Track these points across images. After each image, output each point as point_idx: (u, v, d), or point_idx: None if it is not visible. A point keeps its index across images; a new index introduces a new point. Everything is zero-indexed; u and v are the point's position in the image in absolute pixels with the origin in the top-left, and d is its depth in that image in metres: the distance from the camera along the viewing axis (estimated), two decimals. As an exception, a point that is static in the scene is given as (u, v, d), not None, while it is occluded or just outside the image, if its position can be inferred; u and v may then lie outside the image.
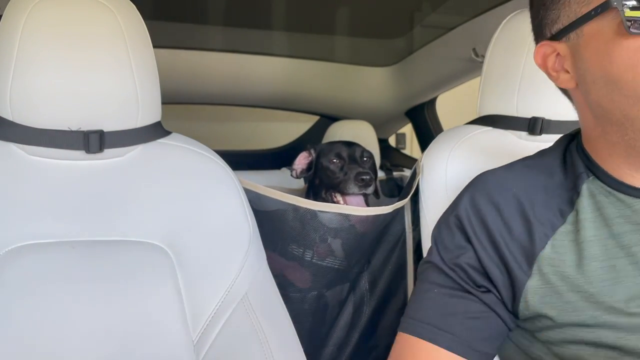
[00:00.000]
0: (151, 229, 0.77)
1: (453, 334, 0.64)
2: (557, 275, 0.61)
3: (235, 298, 0.78)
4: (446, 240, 0.69)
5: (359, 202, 1.28)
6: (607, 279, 0.58)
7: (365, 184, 1.26)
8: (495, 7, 1.38)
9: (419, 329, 0.66)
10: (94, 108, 0.75)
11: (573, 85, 0.62)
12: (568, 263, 0.61)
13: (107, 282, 0.73)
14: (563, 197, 0.64)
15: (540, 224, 0.63)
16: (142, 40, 0.78)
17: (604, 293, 0.58)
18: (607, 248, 0.59)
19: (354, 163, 1.35)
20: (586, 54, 0.58)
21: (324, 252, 1.09)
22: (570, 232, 0.62)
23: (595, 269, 0.59)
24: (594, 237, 0.60)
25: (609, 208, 0.61)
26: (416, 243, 1.11)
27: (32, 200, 0.74)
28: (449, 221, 0.70)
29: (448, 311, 0.65)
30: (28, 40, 0.71)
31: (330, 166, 1.35)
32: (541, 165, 0.68)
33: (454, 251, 0.67)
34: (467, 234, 0.67)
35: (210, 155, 0.85)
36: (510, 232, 0.64)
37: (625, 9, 0.53)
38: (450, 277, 0.67)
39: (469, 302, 0.65)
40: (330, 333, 1.15)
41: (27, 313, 0.69)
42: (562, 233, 0.62)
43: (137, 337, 0.72)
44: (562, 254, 0.61)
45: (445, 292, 0.66)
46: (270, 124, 2.89)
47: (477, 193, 0.69)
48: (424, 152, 1.04)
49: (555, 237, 0.62)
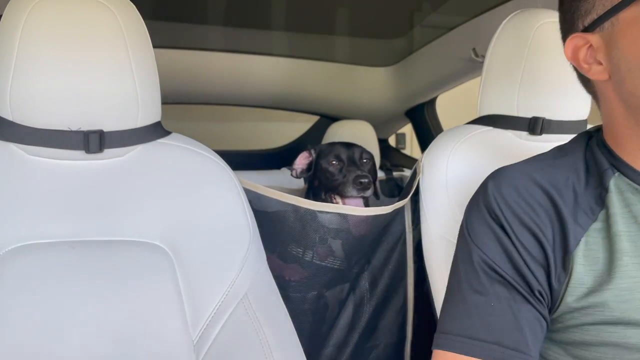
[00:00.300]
0: (151, 229, 0.77)
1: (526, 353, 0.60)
2: (591, 274, 0.60)
3: (235, 298, 0.78)
4: (485, 238, 0.65)
5: (358, 205, 1.28)
6: (637, 276, 0.58)
7: (363, 187, 1.25)
8: (495, 7, 1.38)
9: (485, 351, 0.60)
10: (93, 108, 0.74)
11: (606, 77, 0.62)
12: (601, 260, 0.60)
13: (107, 282, 0.73)
14: (592, 194, 0.64)
15: (574, 222, 0.62)
16: (142, 40, 0.78)
17: (634, 289, 0.58)
18: (636, 245, 0.59)
19: (352, 165, 1.33)
20: (622, 42, 0.58)
21: (324, 252, 1.09)
22: (602, 229, 0.62)
23: (627, 264, 0.59)
24: (624, 232, 0.60)
25: (637, 205, 0.61)
26: (416, 243, 1.11)
27: (31, 200, 0.74)
28: (483, 216, 0.67)
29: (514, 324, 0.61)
30: (28, 40, 0.71)
31: (330, 168, 1.34)
32: (566, 164, 0.67)
33: (499, 250, 0.64)
34: (505, 230, 0.64)
35: (210, 155, 0.85)
36: (547, 230, 0.63)
37: None
38: (510, 283, 0.63)
39: (529, 310, 0.62)
40: (330, 333, 1.15)
41: (27, 313, 0.69)
42: (594, 230, 0.62)
43: (137, 337, 0.72)
44: (595, 251, 0.61)
45: (509, 302, 0.62)
46: (270, 124, 2.89)
47: (505, 188, 0.66)
48: (424, 152, 1.04)
49: (588, 234, 0.62)
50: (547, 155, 0.71)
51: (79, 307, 0.71)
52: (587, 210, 0.63)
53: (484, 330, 0.61)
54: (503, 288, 0.62)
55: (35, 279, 0.70)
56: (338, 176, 1.32)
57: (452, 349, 0.62)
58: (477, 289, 0.63)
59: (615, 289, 0.58)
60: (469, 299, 0.63)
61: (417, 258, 1.13)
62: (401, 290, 1.17)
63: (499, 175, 0.69)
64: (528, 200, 0.64)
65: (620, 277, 0.58)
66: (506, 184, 0.66)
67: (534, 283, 0.62)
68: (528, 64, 0.95)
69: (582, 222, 0.62)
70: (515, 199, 0.65)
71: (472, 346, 0.61)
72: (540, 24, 0.95)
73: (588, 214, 0.63)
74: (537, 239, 0.63)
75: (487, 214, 0.66)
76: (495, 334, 0.60)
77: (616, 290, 0.58)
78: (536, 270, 0.62)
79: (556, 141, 0.78)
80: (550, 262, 0.62)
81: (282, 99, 2.25)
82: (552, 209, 0.63)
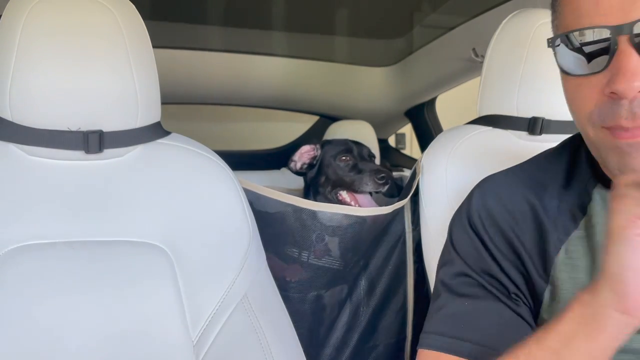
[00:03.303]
0: (150, 229, 0.77)
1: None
2: (572, 281, 0.60)
3: (235, 298, 0.78)
4: (465, 246, 0.68)
5: (370, 201, 1.26)
6: None
7: (385, 182, 1.24)
8: (495, 7, 1.38)
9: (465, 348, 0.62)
10: (93, 108, 0.74)
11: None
12: (582, 268, 0.60)
13: (106, 283, 0.73)
14: (575, 201, 0.63)
15: (554, 229, 0.62)
16: (142, 40, 0.78)
17: None
18: None
19: (364, 161, 1.31)
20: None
21: (323, 252, 1.09)
22: (584, 237, 0.61)
23: None
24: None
25: None
26: (416, 243, 1.11)
27: (31, 200, 0.74)
28: (464, 225, 0.69)
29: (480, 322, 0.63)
30: (27, 40, 0.71)
31: (341, 164, 1.30)
32: (551, 171, 0.67)
33: (477, 258, 0.66)
34: (482, 240, 0.66)
35: (210, 156, 0.85)
36: (525, 238, 0.64)
37: (556, 52, 0.58)
38: (481, 285, 0.65)
39: (502, 310, 0.63)
40: (329, 333, 1.15)
41: (26, 313, 0.69)
42: (576, 238, 0.62)
43: (137, 337, 0.72)
44: (576, 259, 0.61)
45: (488, 304, 0.64)
46: (270, 124, 2.89)
47: (489, 197, 0.68)
48: (424, 152, 1.04)
49: (569, 241, 0.62)
50: (533, 161, 0.71)
51: (79, 307, 0.71)
52: (569, 218, 0.63)
53: (466, 330, 0.63)
54: (482, 291, 0.64)
55: (34, 279, 0.70)
56: (351, 171, 1.29)
57: (434, 347, 0.64)
58: (458, 292, 0.66)
59: None
60: (450, 302, 0.66)
61: (417, 258, 1.13)
62: (401, 290, 1.17)
63: (484, 184, 0.71)
64: (509, 208, 0.65)
65: None
66: (490, 192, 0.68)
67: (510, 286, 0.64)
68: (528, 64, 0.95)
69: (564, 229, 0.62)
70: (496, 207, 0.66)
71: (452, 344, 0.62)
72: (540, 23, 0.95)
73: (570, 221, 0.62)
74: (513, 247, 0.64)
75: (467, 222, 0.68)
76: (476, 334, 0.62)
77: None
78: (512, 274, 0.64)
79: (556, 141, 0.78)
80: (530, 269, 0.63)
81: (282, 99, 2.25)
82: (532, 217, 0.64)
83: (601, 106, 0.53)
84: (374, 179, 1.23)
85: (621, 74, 0.50)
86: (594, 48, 0.53)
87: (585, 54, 0.54)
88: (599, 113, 0.54)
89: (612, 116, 0.52)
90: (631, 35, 0.50)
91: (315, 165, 1.36)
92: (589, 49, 0.53)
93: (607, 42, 0.51)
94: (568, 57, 0.56)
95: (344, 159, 1.31)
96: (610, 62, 0.51)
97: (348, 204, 1.26)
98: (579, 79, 0.56)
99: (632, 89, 0.50)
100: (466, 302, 0.65)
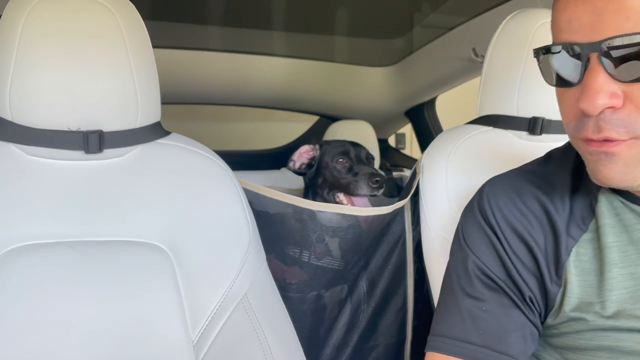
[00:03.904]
0: (150, 230, 0.77)
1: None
2: (581, 284, 0.60)
3: (235, 298, 0.78)
4: (479, 243, 0.67)
5: (365, 204, 1.27)
6: (627, 286, 0.58)
7: (379, 186, 1.24)
8: (495, 7, 1.39)
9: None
10: (93, 108, 0.74)
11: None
12: (591, 271, 0.60)
13: (106, 283, 0.73)
14: (583, 204, 0.63)
15: (565, 232, 0.62)
16: (142, 40, 0.78)
17: (623, 300, 0.58)
18: (626, 255, 0.59)
19: (361, 164, 1.31)
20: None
21: (323, 252, 1.09)
22: (592, 239, 0.62)
23: (616, 275, 0.59)
24: (614, 242, 0.60)
25: (627, 214, 0.61)
26: (416, 243, 1.11)
27: (31, 200, 0.74)
28: (478, 221, 0.68)
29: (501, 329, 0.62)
30: (27, 40, 0.71)
31: (337, 166, 1.31)
32: (559, 172, 0.67)
33: (491, 256, 0.65)
34: (498, 237, 0.65)
35: (210, 156, 0.85)
36: (540, 239, 0.63)
37: (540, 61, 0.60)
38: (502, 289, 0.64)
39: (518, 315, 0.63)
40: (330, 333, 1.15)
41: (26, 313, 0.69)
42: (585, 241, 0.62)
43: (137, 337, 0.72)
44: (586, 262, 0.61)
45: (500, 307, 0.64)
46: (270, 124, 2.89)
47: (500, 197, 0.67)
48: (424, 152, 1.04)
49: (579, 244, 0.62)
50: (542, 161, 0.71)
51: (79, 307, 0.71)
52: (579, 221, 0.63)
53: (476, 333, 0.62)
54: (495, 293, 0.64)
55: (34, 279, 0.70)
56: (347, 174, 1.29)
57: (444, 351, 0.63)
58: (470, 293, 0.65)
59: (607, 300, 0.59)
60: (461, 303, 0.65)
61: (417, 258, 1.13)
62: (401, 290, 1.17)
63: (495, 182, 0.70)
64: (522, 209, 0.65)
65: (610, 290, 0.59)
66: (502, 192, 0.67)
67: (525, 289, 0.63)
68: (528, 64, 0.95)
69: (574, 232, 0.62)
70: (509, 207, 0.66)
71: (462, 349, 0.62)
72: (540, 23, 0.95)
73: (580, 224, 0.63)
74: (529, 248, 0.63)
75: (481, 220, 0.67)
76: (486, 338, 0.62)
77: (608, 301, 0.59)
78: (527, 277, 0.63)
79: (556, 141, 0.78)
80: (543, 271, 0.62)
81: (281, 99, 2.25)
82: (545, 219, 0.64)
83: (574, 118, 0.57)
84: (368, 182, 1.24)
85: (585, 93, 0.53)
86: (570, 63, 0.55)
87: (564, 68, 0.56)
88: (574, 125, 0.57)
89: (582, 129, 0.55)
90: (599, 53, 0.51)
91: (313, 166, 1.36)
92: (566, 63, 0.56)
93: (579, 58, 0.53)
94: (549, 69, 0.59)
95: (340, 161, 1.31)
96: (581, 79, 0.54)
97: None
98: (560, 90, 0.59)
99: (595, 107, 0.52)
100: (479, 304, 0.64)
